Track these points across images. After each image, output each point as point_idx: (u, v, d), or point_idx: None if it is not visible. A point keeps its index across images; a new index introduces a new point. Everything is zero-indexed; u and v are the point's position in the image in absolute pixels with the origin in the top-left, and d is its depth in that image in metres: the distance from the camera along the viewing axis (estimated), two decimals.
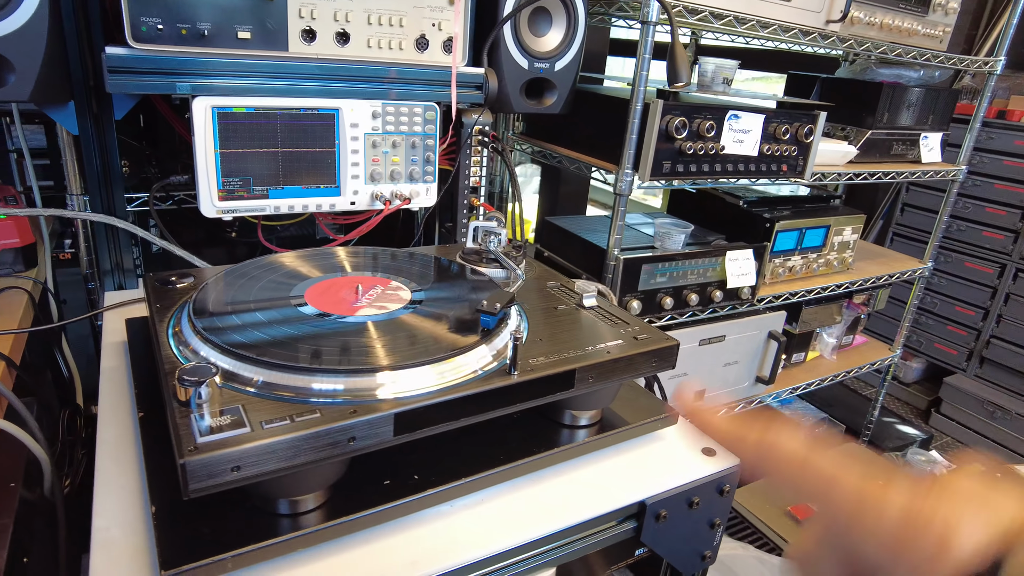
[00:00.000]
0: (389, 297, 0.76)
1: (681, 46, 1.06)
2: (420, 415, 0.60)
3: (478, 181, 1.27)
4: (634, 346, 0.74)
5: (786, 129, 1.43)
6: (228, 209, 1.03)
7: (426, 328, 0.70)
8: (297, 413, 0.56)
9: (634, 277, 1.40)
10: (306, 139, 1.04)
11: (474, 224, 0.93)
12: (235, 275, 0.78)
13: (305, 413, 0.56)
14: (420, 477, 0.66)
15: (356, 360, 0.62)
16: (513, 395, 0.65)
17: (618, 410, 0.82)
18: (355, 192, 1.10)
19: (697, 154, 1.33)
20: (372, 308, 0.73)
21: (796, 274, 1.74)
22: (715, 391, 1.67)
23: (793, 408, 2.22)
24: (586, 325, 0.78)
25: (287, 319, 0.69)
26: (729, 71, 1.39)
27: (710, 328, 1.58)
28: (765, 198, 1.79)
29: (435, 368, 0.63)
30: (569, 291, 0.89)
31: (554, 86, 1.30)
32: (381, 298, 0.75)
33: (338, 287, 0.76)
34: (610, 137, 1.33)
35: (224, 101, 0.97)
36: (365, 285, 0.77)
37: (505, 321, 0.72)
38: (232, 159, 1.00)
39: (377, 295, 0.76)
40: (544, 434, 0.75)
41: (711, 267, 1.51)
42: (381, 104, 1.07)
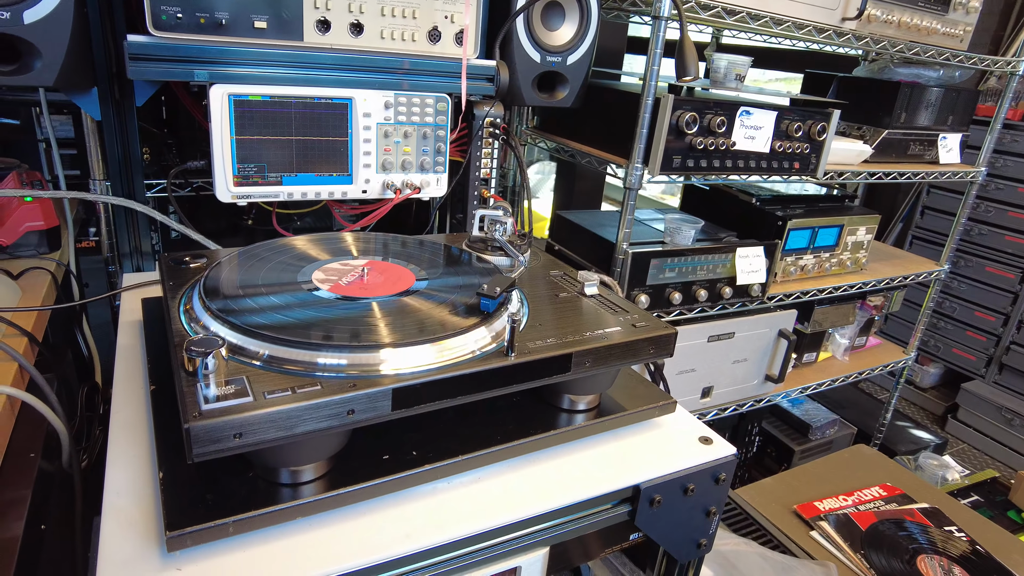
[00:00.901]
0: (395, 280, 0.78)
1: (690, 41, 1.07)
2: (417, 391, 0.62)
3: (488, 173, 1.29)
4: (632, 333, 0.75)
5: (798, 126, 1.42)
6: (243, 195, 1.05)
7: (428, 310, 0.72)
8: (299, 385, 0.58)
9: (642, 271, 1.40)
10: (319, 128, 1.07)
11: (480, 212, 0.95)
12: (246, 256, 0.81)
13: (307, 386, 0.58)
14: (418, 454, 0.68)
15: (358, 337, 0.64)
16: (510, 376, 0.67)
17: (617, 397, 0.83)
18: (367, 181, 1.12)
19: (708, 149, 1.33)
20: (377, 290, 0.75)
21: (808, 273, 1.74)
22: (723, 388, 1.67)
23: (804, 408, 2.20)
24: (586, 312, 0.79)
25: (294, 298, 0.72)
26: (742, 67, 1.39)
27: (719, 325, 1.58)
28: (779, 196, 1.79)
29: (434, 347, 0.65)
30: (572, 280, 0.90)
31: (566, 80, 1.32)
32: (387, 281, 0.77)
33: (345, 270, 0.78)
34: (621, 132, 1.34)
35: (240, 89, 0.99)
36: (371, 268, 0.79)
37: (505, 305, 0.74)
38: (247, 146, 1.03)
39: (383, 278, 0.78)
40: (542, 417, 0.77)
41: (721, 263, 1.51)
42: (393, 95, 1.09)
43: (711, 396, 1.67)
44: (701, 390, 1.65)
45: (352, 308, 0.71)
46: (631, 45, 2.80)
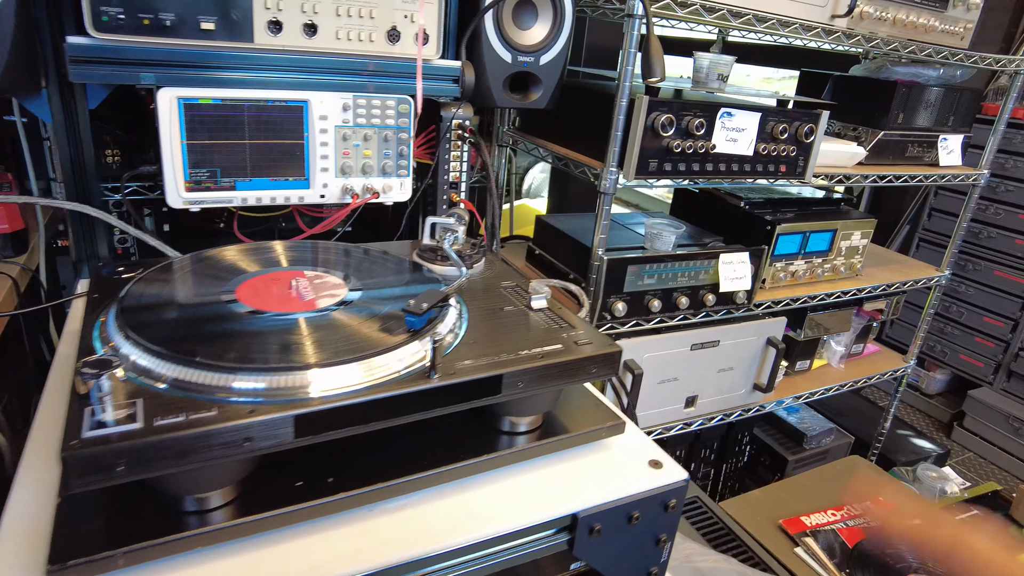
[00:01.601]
0: (324, 293, 0.74)
1: (656, 41, 1.02)
2: (325, 417, 0.58)
3: (457, 176, 1.25)
4: (572, 351, 0.71)
5: (784, 128, 1.37)
6: (195, 200, 1.03)
7: (353, 326, 0.69)
8: (195, 410, 0.55)
9: (619, 278, 1.36)
10: (274, 131, 1.04)
11: (431, 220, 0.91)
12: (171, 268, 0.77)
13: (203, 410, 0.55)
14: (336, 480, 0.64)
15: (264, 358, 0.61)
16: (432, 399, 0.63)
17: (565, 416, 0.79)
18: (324, 185, 1.09)
19: (686, 153, 1.28)
20: (302, 304, 0.71)
21: (799, 279, 1.68)
22: (709, 398, 1.63)
23: (800, 416, 2.15)
24: (528, 328, 0.75)
25: (212, 315, 0.68)
26: (724, 67, 1.34)
27: (703, 332, 1.53)
28: (770, 200, 1.73)
29: (350, 368, 0.61)
30: (523, 292, 0.86)
31: (539, 81, 1.28)
32: (315, 294, 0.74)
33: (273, 282, 0.75)
34: (597, 134, 1.29)
35: (190, 92, 0.96)
36: (302, 280, 0.76)
37: (438, 321, 0.70)
38: (199, 150, 1.00)
39: (312, 291, 0.74)
40: (480, 439, 0.73)
41: (704, 270, 1.46)
42: (352, 96, 1.06)
43: (696, 406, 1.62)
44: (685, 399, 1.60)
45: (270, 324, 0.68)
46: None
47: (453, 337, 0.70)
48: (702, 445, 1.84)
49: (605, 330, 1.40)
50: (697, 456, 1.85)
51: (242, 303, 0.71)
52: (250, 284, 0.74)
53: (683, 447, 1.81)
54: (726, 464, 1.94)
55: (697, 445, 1.83)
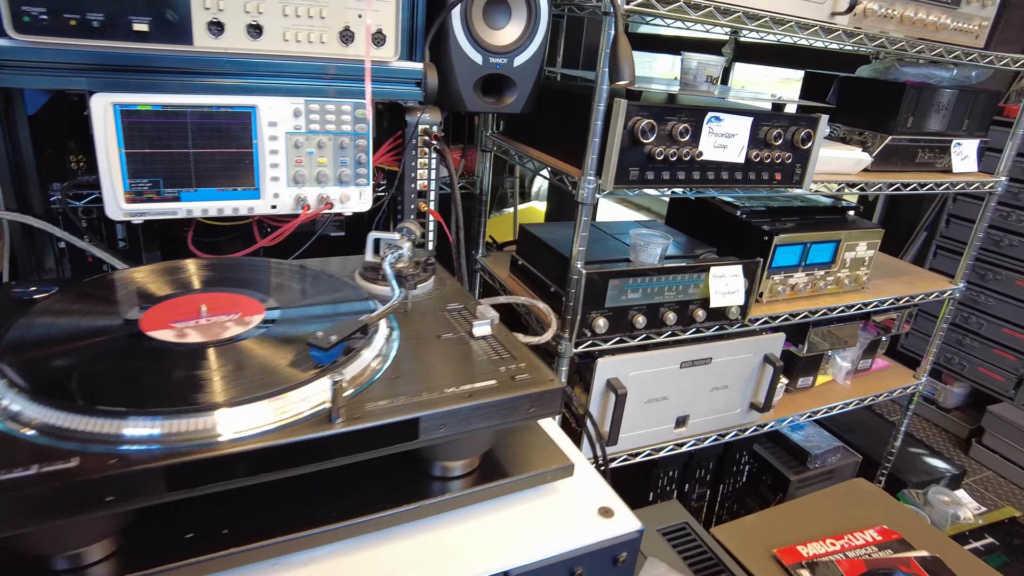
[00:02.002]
0: (237, 319, 0.68)
1: (625, 40, 0.94)
2: (201, 469, 0.51)
3: (426, 185, 1.18)
4: (507, 389, 0.64)
5: (779, 134, 1.28)
6: (136, 212, 0.97)
7: (259, 360, 0.62)
8: (51, 461, 0.48)
9: (599, 293, 1.28)
10: (220, 139, 0.97)
11: (373, 235, 0.84)
12: (72, 294, 0.71)
13: (61, 461, 0.49)
14: (233, 531, 0.57)
15: (138, 399, 0.54)
16: (335, 448, 0.56)
17: (509, 455, 0.72)
18: (276, 195, 1.03)
19: (669, 160, 1.20)
20: (208, 333, 0.65)
21: (799, 292, 1.59)
22: (701, 417, 1.54)
23: (804, 434, 2.04)
24: (462, 360, 0.68)
25: (103, 348, 0.62)
26: (714, 68, 1.25)
27: (694, 349, 1.45)
28: (771, 208, 1.64)
29: (241, 411, 0.55)
30: (470, 316, 0.79)
31: (513, 83, 1.20)
32: (226, 321, 0.67)
33: (181, 308, 0.69)
34: (576, 140, 1.22)
35: (127, 98, 0.91)
36: (212, 306, 0.69)
37: (357, 354, 0.63)
38: (138, 159, 0.94)
39: (225, 317, 0.68)
40: (407, 485, 0.66)
41: (694, 284, 1.38)
42: (304, 101, 0.99)
43: (687, 426, 1.53)
44: (675, 419, 1.51)
45: (164, 358, 0.61)
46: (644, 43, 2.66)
47: (371, 373, 0.63)
48: (697, 465, 1.75)
49: (586, 347, 1.32)
50: (691, 477, 1.76)
51: (146, 332, 0.64)
52: (157, 309, 0.68)
53: (676, 468, 1.72)
54: (723, 484, 1.85)
55: (691, 465, 1.74)
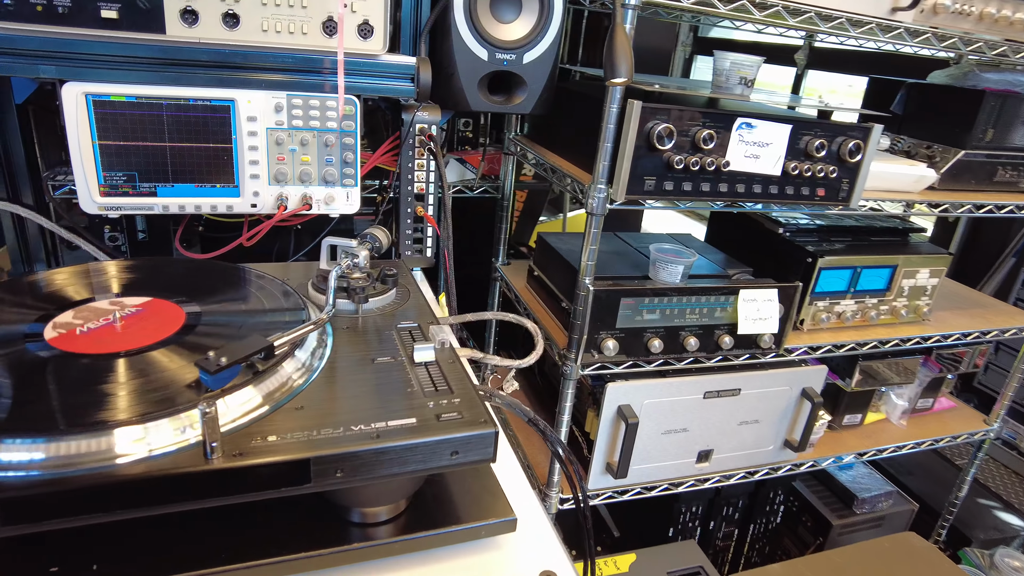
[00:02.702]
0: (152, 329, 0.62)
1: (623, 34, 0.83)
2: (39, 504, 0.45)
3: (422, 187, 1.11)
4: (426, 430, 0.55)
5: (821, 144, 1.14)
6: (111, 206, 0.94)
7: (170, 372, 0.56)
8: None
9: (610, 312, 1.17)
10: (197, 133, 0.93)
11: (328, 241, 0.77)
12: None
13: None
14: (105, 567, 0.51)
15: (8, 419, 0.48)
16: (210, 487, 0.49)
17: (447, 502, 0.63)
18: (255, 194, 0.98)
19: (691, 170, 1.08)
20: (110, 342, 0.59)
21: (846, 321, 1.42)
22: (726, 453, 1.40)
23: (853, 474, 1.86)
24: (387, 391, 0.60)
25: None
26: (749, 69, 1.12)
27: (720, 379, 1.31)
28: (821, 227, 1.48)
29: (103, 439, 0.48)
30: (421, 337, 0.71)
31: (523, 82, 1.11)
32: (139, 330, 0.61)
33: (96, 314, 0.63)
34: (589, 144, 1.12)
35: (100, 88, 0.87)
36: (133, 312, 0.64)
37: (257, 378, 0.56)
38: (113, 152, 0.91)
39: (140, 326, 0.62)
40: (322, 529, 0.58)
41: (720, 307, 1.25)
42: (285, 96, 0.94)
43: (710, 461, 1.40)
44: (697, 453, 1.38)
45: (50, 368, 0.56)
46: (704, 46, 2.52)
47: (270, 402, 0.55)
48: (724, 502, 1.61)
49: (595, 370, 1.22)
50: (718, 514, 1.62)
51: (48, 341, 0.59)
52: (72, 314, 0.63)
53: (700, 503, 1.59)
54: (754, 524, 1.69)
55: (718, 501, 1.60)
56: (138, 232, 1.28)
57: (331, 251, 0.78)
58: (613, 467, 1.29)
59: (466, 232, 1.80)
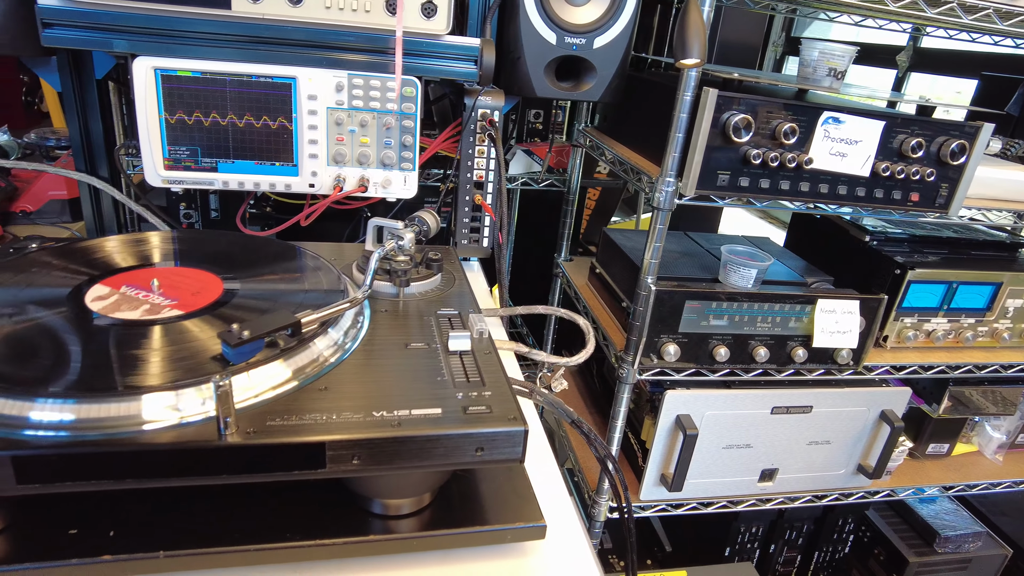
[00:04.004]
0: (188, 297, 0.61)
1: (697, 13, 0.77)
2: (57, 464, 0.44)
3: (482, 175, 1.07)
4: (451, 422, 0.51)
5: (919, 144, 1.03)
6: (174, 180, 0.95)
7: (199, 342, 0.55)
8: None
9: (673, 315, 1.11)
10: (259, 109, 0.93)
11: (375, 222, 0.75)
12: (21, 260, 0.68)
13: None
14: (121, 534, 0.50)
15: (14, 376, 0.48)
16: (221, 463, 0.47)
17: (476, 501, 0.59)
18: (314, 174, 0.97)
19: (769, 165, 1.00)
20: (148, 309, 0.59)
21: (937, 341, 1.30)
22: (792, 473, 1.31)
23: (936, 509, 1.70)
24: (416, 378, 0.57)
25: (34, 317, 0.58)
26: (839, 60, 1.03)
27: (790, 394, 1.22)
28: (914, 236, 1.36)
29: (119, 406, 0.47)
30: (459, 325, 0.67)
31: (593, 68, 1.06)
32: (178, 298, 0.61)
33: (133, 281, 0.63)
34: (660, 135, 1.05)
35: (168, 63, 0.89)
36: (166, 280, 0.63)
37: (281, 355, 0.54)
38: (177, 127, 0.92)
39: (178, 294, 0.61)
40: (341, 518, 0.56)
41: (795, 317, 1.16)
42: (347, 75, 0.93)
43: (774, 480, 1.31)
44: (760, 472, 1.29)
45: (84, 331, 0.56)
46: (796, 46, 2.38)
47: (295, 380, 0.53)
48: (787, 525, 1.51)
49: (652, 375, 1.15)
50: (780, 537, 1.52)
51: (88, 305, 0.59)
52: (109, 282, 0.63)
53: (761, 524, 1.49)
54: (820, 551, 1.58)
55: (780, 524, 1.50)
56: (211, 211, 1.32)
57: (377, 232, 0.76)
58: (668, 479, 1.23)
59: (532, 227, 1.77)
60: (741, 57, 2.35)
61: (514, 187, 1.53)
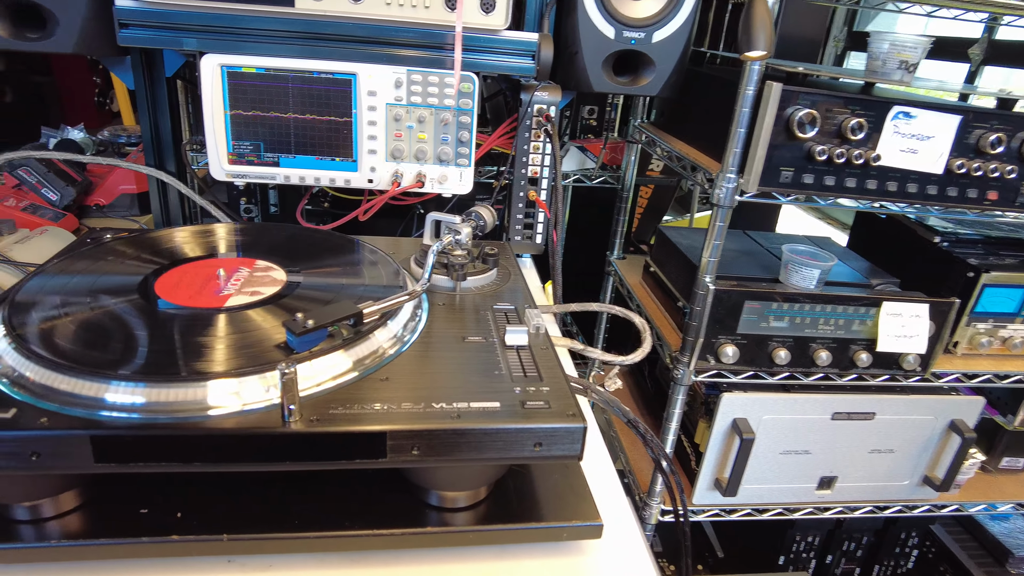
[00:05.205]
0: (250, 288, 0.62)
1: (763, 4, 0.74)
2: (130, 445, 0.46)
3: (536, 171, 1.07)
4: (509, 416, 0.51)
5: (998, 139, 0.98)
6: (238, 174, 0.98)
7: (249, 333, 0.56)
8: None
9: (731, 315, 1.08)
10: (320, 105, 0.95)
11: (433, 216, 0.75)
12: (96, 250, 0.70)
13: None
14: (187, 516, 0.52)
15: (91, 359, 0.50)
16: (284, 449, 0.48)
17: (532, 497, 0.59)
18: (372, 169, 0.98)
19: (834, 162, 0.97)
20: (213, 299, 0.60)
21: (1013, 349, 1.23)
22: (852, 482, 1.26)
23: (1010, 526, 1.61)
24: (473, 370, 0.57)
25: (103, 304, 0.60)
26: (911, 52, 0.98)
27: (852, 400, 1.18)
28: (989, 238, 1.29)
29: (187, 390, 0.48)
30: (515, 320, 0.67)
31: (651, 62, 1.04)
32: (239, 288, 0.62)
33: (202, 271, 0.65)
34: (721, 130, 1.03)
35: (233, 60, 0.91)
36: (233, 271, 0.65)
37: (345, 344, 0.54)
38: (242, 122, 0.95)
39: (238, 284, 0.63)
40: (399, 508, 0.56)
41: (859, 320, 1.11)
42: (406, 71, 0.93)
43: (833, 488, 1.26)
44: (818, 479, 1.25)
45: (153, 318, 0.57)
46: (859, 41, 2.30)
47: (358, 370, 0.54)
48: (846, 535, 1.45)
49: (709, 377, 1.13)
50: (837, 548, 1.47)
51: (158, 293, 0.61)
52: (176, 272, 0.65)
53: (818, 533, 1.44)
54: (880, 565, 1.52)
55: (838, 534, 1.45)
56: (271, 206, 1.35)
57: (435, 227, 0.76)
58: (722, 483, 1.20)
59: (581, 224, 1.75)
60: (800, 53, 2.28)
61: (567, 184, 1.52)
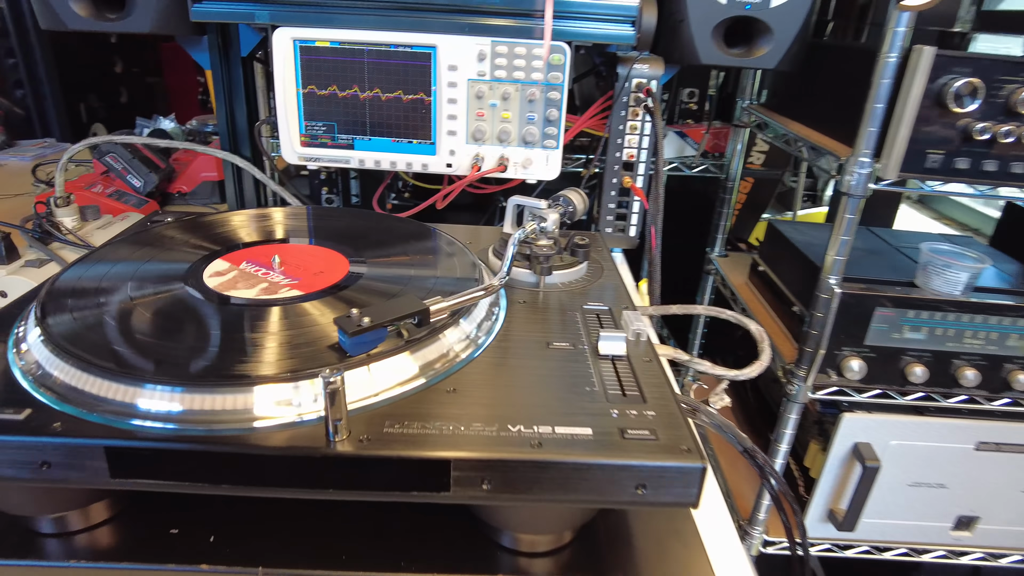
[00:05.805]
0: (311, 277, 0.55)
1: None
2: (150, 459, 0.39)
3: (632, 155, 0.95)
4: (607, 449, 0.40)
5: None
6: (310, 157, 0.92)
7: (300, 330, 0.48)
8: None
9: (858, 324, 0.93)
10: (397, 82, 0.87)
11: (515, 200, 0.65)
12: (145, 236, 0.64)
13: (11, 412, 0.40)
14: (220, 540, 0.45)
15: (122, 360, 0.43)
16: (326, 473, 0.39)
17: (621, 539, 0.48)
18: (452, 152, 0.90)
19: (1000, 143, 0.80)
20: (265, 288, 0.53)
21: None
22: (997, 525, 1.07)
23: None
24: (559, 384, 0.46)
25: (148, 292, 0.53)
26: None
27: (1003, 428, 0.99)
28: None
29: (223, 397, 0.41)
30: (609, 323, 0.56)
31: (769, 30, 0.91)
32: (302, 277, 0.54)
33: (255, 257, 0.58)
34: (850, 108, 0.88)
35: (307, 33, 0.85)
36: (289, 259, 0.57)
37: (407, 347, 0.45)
38: (315, 100, 0.88)
39: (301, 273, 0.55)
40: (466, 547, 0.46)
41: (1017, 333, 0.93)
42: (490, 43, 0.84)
43: (972, 531, 1.08)
44: (955, 518, 1.07)
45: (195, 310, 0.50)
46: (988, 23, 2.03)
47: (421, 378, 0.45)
48: None
49: (829, 394, 0.98)
50: None
51: (206, 281, 0.55)
52: (231, 257, 0.58)
53: None
54: None
55: None
56: (352, 196, 1.30)
57: (517, 213, 0.66)
58: (838, 516, 1.04)
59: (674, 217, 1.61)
60: (924, 39, 2.04)
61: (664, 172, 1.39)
